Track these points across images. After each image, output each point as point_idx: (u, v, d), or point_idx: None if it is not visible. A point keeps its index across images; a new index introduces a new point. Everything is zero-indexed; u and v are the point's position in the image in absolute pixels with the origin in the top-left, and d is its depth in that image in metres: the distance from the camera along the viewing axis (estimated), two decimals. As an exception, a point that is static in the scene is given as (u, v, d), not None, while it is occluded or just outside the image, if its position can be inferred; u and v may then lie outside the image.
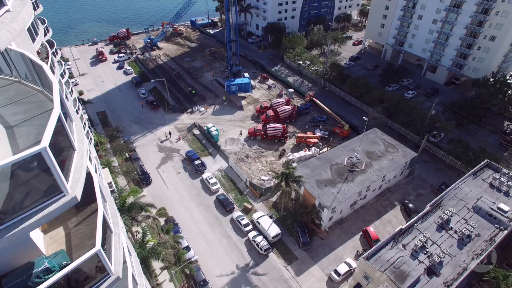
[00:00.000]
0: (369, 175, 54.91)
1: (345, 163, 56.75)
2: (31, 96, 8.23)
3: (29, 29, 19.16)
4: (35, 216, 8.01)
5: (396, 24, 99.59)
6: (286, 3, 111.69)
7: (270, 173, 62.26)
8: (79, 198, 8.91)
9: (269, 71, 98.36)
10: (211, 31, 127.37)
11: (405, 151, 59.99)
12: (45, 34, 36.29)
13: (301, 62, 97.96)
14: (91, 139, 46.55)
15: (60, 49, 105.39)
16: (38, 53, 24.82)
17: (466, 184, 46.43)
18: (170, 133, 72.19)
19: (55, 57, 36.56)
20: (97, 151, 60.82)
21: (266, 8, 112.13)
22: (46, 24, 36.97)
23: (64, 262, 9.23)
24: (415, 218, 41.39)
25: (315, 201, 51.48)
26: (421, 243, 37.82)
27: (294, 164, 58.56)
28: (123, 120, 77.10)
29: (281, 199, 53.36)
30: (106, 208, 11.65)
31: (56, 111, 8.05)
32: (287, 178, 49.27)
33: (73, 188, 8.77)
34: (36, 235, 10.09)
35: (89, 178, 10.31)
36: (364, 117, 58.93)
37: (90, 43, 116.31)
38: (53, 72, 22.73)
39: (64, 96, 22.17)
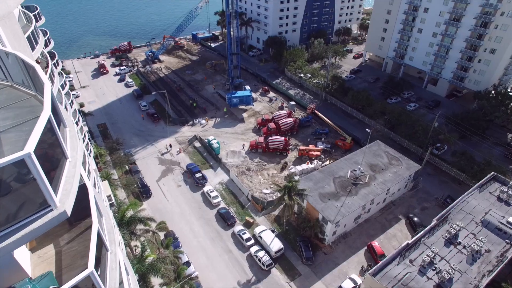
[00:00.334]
0: (373, 188, 53.95)
1: (348, 176, 55.86)
2: (23, 101, 7.54)
3: (28, 38, 18.71)
4: (17, 234, 7.07)
5: (396, 37, 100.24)
6: (287, 17, 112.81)
7: (272, 186, 61.36)
8: (69, 212, 8.00)
9: (270, 84, 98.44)
10: (212, 45, 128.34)
11: (408, 164, 59.17)
12: (47, 45, 36.09)
13: (302, 75, 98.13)
14: (90, 151, 45.84)
15: (62, 62, 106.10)
16: (37, 62, 24.40)
17: (473, 198, 45.41)
18: (170, 146, 71.52)
19: (56, 68, 36.23)
20: (96, 163, 60.03)
21: (267, 22, 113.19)
22: (48, 35, 36.77)
23: (51, 287, 8.20)
24: (422, 232, 40.24)
25: (319, 215, 50.36)
26: (429, 259, 36.59)
27: (296, 177, 57.74)
28: (124, 132, 76.57)
29: (283, 213, 52.24)
30: (102, 224, 10.70)
31: (46, 113, 7.32)
32: (290, 192, 48.29)
33: (63, 201, 7.83)
34: (22, 254, 9.15)
35: (84, 190, 9.43)
36: (367, 129, 58.40)
37: (92, 56, 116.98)
38: (52, 81, 22.29)
39: (60, 104, 21.50)
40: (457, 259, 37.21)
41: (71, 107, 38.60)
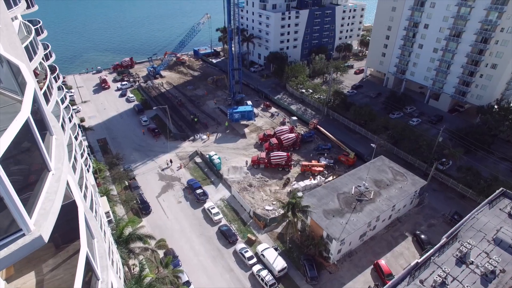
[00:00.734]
0: (378, 204, 52.60)
1: (352, 192, 54.62)
2: (7, 107, 6.62)
3: (26, 48, 18.07)
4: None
5: (397, 53, 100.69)
6: (288, 33, 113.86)
7: (274, 202, 59.99)
8: (46, 238, 6.48)
9: (272, 99, 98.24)
10: (214, 60, 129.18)
11: (414, 179, 57.98)
12: (48, 59, 35.74)
13: (303, 90, 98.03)
14: (89, 166, 44.83)
15: (64, 77, 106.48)
16: (36, 74, 23.78)
17: (482, 214, 43.99)
18: (171, 161, 70.48)
19: (56, 81, 35.72)
20: (95, 178, 58.90)
21: (269, 38, 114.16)
22: (49, 49, 36.44)
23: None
24: (432, 251, 38.68)
25: (323, 233, 48.84)
26: (441, 279, 34.94)
27: (299, 193, 56.47)
28: (124, 147, 75.71)
29: (286, 230, 50.72)
30: (94, 248, 9.41)
31: (23, 115, 6.19)
32: (294, 208, 46.95)
33: (39, 223, 6.30)
34: (-6, 285, 7.53)
35: (73, 208, 8.26)
36: (372, 144, 57.50)
37: (94, 71, 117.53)
38: (50, 93, 21.62)
39: (53, 111, 20.58)
40: (470, 280, 35.53)
41: (70, 121, 37.86)
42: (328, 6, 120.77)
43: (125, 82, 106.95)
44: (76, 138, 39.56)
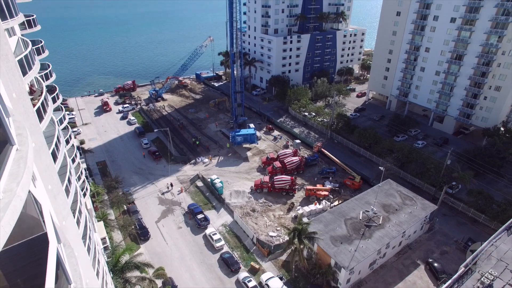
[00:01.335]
0: (388, 230, 50.19)
1: (360, 217, 52.33)
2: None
3: (21, 62, 16.88)
4: None
5: (399, 76, 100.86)
6: (290, 57, 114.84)
7: (278, 228, 57.52)
8: None
9: (275, 122, 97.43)
10: (216, 84, 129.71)
11: (423, 204, 55.80)
12: (48, 78, 34.88)
13: (306, 113, 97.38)
14: (86, 189, 42.96)
15: (66, 99, 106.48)
16: (33, 91, 22.57)
17: (501, 241, 41.56)
18: (172, 185, 68.49)
19: (55, 101, 34.63)
20: (93, 202, 56.79)
21: (271, 62, 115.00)
22: (50, 68, 35.66)
23: None
24: (450, 281, 36.05)
25: (331, 261, 46.23)
26: (462, 314, 32.21)
27: (305, 219, 54.18)
28: (124, 170, 73.95)
29: (292, 258, 47.97)
30: None
31: None
32: (300, 235, 44.57)
33: None
34: None
35: (42, 244, 6.26)
36: (380, 167, 55.79)
37: (96, 94, 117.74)
38: (44, 110, 20.30)
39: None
40: (494, 314, 32.79)
41: (68, 143, 36.44)
42: (329, 31, 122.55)
43: (126, 105, 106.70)
44: (73, 160, 38.03)
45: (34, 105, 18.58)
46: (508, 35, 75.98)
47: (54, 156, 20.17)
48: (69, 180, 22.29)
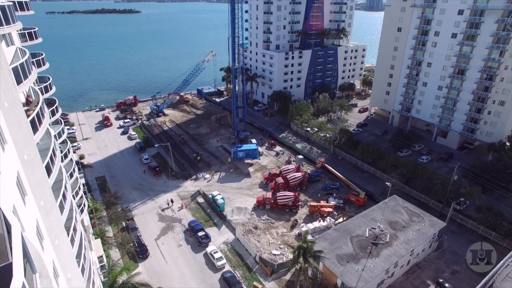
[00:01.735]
0: (395, 248, 48.37)
1: (367, 235, 50.61)
2: None
3: (16, 70, 16.03)
4: None
5: (401, 91, 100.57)
6: (292, 72, 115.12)
7: (282, 246, 55.64)
8: None
9: (276, 137, 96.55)
10: (217, 99, 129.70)
11: (431, 221, 54.12)
12: (47, 91, 34.24)
13: (308, 129, 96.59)
14: (84, 205, 41.59)
15: (67, 114, 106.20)
16: (29, 101, 21.70)
17: (516, 261, 39.65)
18: (172, 201, 66.95)
19: (54, 114, 33.84)
20: (91, 219, 55.25)
21: (272, 77, 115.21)
22: (50, 81, 35.05)
23: None
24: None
25: (337, 280, 44.35)
26: None
27: (309, 236, 52.43)
28: (123, 186, 72.57)
29: (297, 278, 45.98)
30: None
31: None
32: (305, 253, 42.81)
33: None
34: None
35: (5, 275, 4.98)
36: (387, 183, 54.41)
37: (97, 109, 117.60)
38: (40, 122, 19.36)
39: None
40: None
41: (66, 157, 35.41)
42: (330, 47, 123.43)
43: (127, 120, 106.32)
44: (71, 175, 36.89)
45: (28, 116, 17.69)
46: (510, 50, 75.91)
47: (48, 170, 19.12)
48: (64, 196, 21.11)
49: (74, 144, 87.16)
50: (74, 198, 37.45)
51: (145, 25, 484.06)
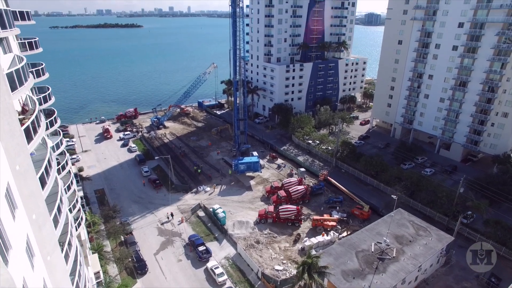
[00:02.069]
0: (403, 264, 46.78)
1: (372, 250, 49.07)
2: None
3: (10, 75, 15.23)
4: None
5: (403, 103, 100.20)
6: (293, 85, 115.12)
7: (284, 262, 53.98)
8: None
9: (278, 150, 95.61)
10: (218, 112, 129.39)
11: (439, 235, 52.66)
12: (46, 101, 33.55)
13: (310, 141, 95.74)
14: (81, 219, 40.31)
15: (67, 126, 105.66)
16: (25, 110, 20.88)
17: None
18: (172, 215, 65.50)
19: (53, 125, 33.01)
20: (88, 232, 53.79)
21: (273, 90, 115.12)
22: (49, 91, 34.34)
23: None
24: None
25: (343, 298, 42.53)
26: None
27: (312, 251, 50.79)
28: (122, 199, 71.21)
29: (301, 295, 44.36)
30: None
31: None
32: (310, 269, 41.26)
33: None
34: None
35: None
36: (393, 196, 53.18)
37: (97, 121, 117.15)
38: (35, 131, 18.48)
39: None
40: None
41: (64, 169, 34.39)
42: (331, 60, 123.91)
43: (128, 132, 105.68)
44: (68, 187, 35.79)
45: (22, 124, 16.82)
46: (511, 62, 75.80)
47: (43, 182, 18.10)
48: (59, 209, 20.03)
49: (73, 156, 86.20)
50: (71, 212, 36.30)
51: (146, 39, 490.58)
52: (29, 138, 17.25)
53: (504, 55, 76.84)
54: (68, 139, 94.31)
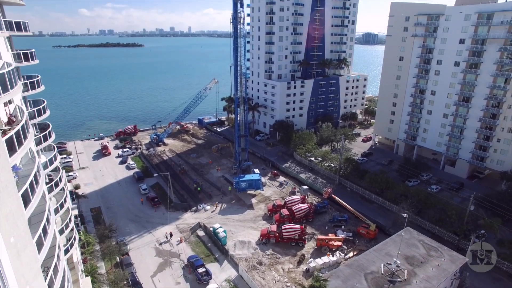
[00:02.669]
0: (415, 287, 43.99)
1: (382, 271, 46.33)
2: None
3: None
4: None
5: (405, 119, 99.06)
6: (294, 102, 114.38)
7: (289, 284, 51.10)
8: None
9: (280, 167, 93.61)
10: (218, 129, 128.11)
11: (451, 256, 49.96)
12: (40, 114, 31.99)
13: (312, 158, 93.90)
14: (75, 239, 37.93)
15: (65, 143, 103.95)
16: (11, 121, 19.18)
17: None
18: (171, 234, 62.82)
19: (47, 139, 31.31)
20: (82, 253, 51.07)
21: (274, 107, 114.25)
22: (44, 104, 32.85)
23: None
24: None
25: (353, 325, 39.65)
26: None
27: (317, 273, 48.11)
28: (119, 217, 68.61)
29: (307, 322, 41.47)
30: None
31: None
32: (317, 293, 38.63)
33: None
34: None
35: None
36: (403, 214, 50.90)
37: (96, 138, 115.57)
38: (21, 142, 16.73)
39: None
40: None
41: (57, 186, 32.42)
42: (332, 77, 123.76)
43: (126, 149, 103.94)
44: (61, 205, 33.70)
45: (4, 134, 15.10)
46: (515, 77, 75.10)
47: (26, 200, 16.15)
48: (44, 230, 18.00)
49: (70, 173, 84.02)
50: (63, 231, 34.06)
51: (147, 57, 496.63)
52: (12, 150, 15.50)
53: (508, 71, 76.18)
54: (65, 155, 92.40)
